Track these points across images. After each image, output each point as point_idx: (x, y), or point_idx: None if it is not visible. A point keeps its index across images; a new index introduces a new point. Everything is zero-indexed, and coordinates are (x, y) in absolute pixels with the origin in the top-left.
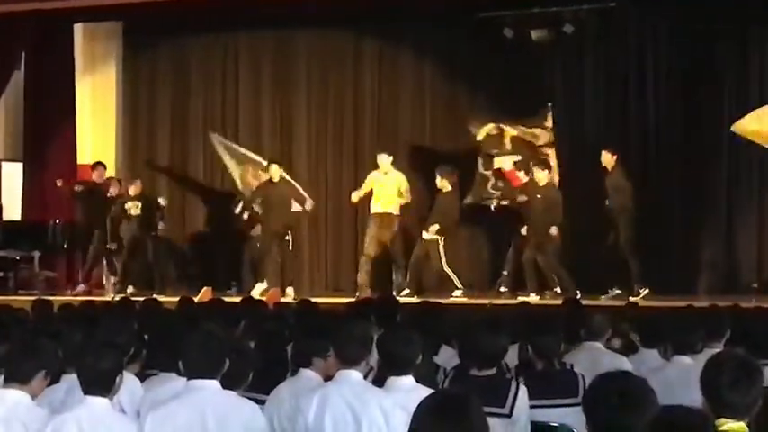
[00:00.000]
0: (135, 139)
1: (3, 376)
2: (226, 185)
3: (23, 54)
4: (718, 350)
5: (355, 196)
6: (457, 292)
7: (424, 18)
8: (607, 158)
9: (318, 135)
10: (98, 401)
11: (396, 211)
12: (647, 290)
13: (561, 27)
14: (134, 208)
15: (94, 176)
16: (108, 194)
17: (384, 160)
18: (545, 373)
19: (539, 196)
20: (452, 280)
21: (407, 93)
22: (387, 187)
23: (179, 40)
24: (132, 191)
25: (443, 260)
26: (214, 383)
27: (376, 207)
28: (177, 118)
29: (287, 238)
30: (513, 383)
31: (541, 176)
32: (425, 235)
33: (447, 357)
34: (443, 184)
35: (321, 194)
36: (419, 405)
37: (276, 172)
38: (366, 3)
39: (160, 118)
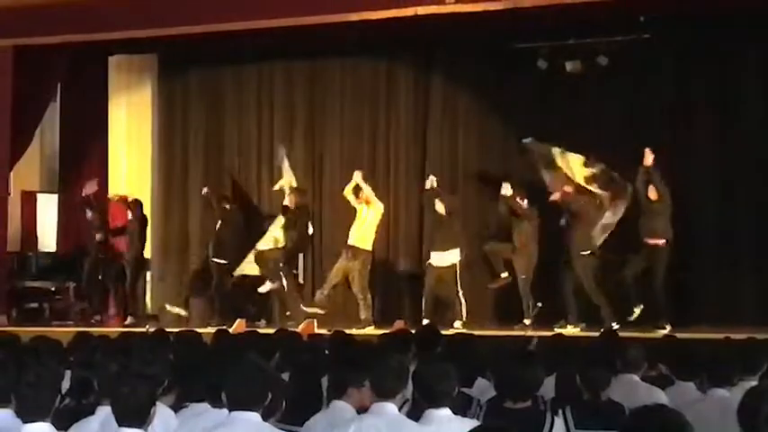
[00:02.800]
0: (170, 169)
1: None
2: (259, 216)
3: (59, 86)
4: (754, 383)
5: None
6: (457, 323)
7: (459, 48)
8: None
9: (351, 164)
10: None
11: (363, 246)
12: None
13: (595, 58)
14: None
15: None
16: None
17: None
18: (592, 404)
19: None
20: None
21: (441, 122)
22: (362, 217)
23: (213, 71)
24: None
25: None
26: (255, 416)
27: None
28: (212, 148)
29: (294, 271)
30: (549, 416)
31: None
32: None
33: (482, 389)
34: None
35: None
36: None
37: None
38: (400, 33)
39: (194, 148)
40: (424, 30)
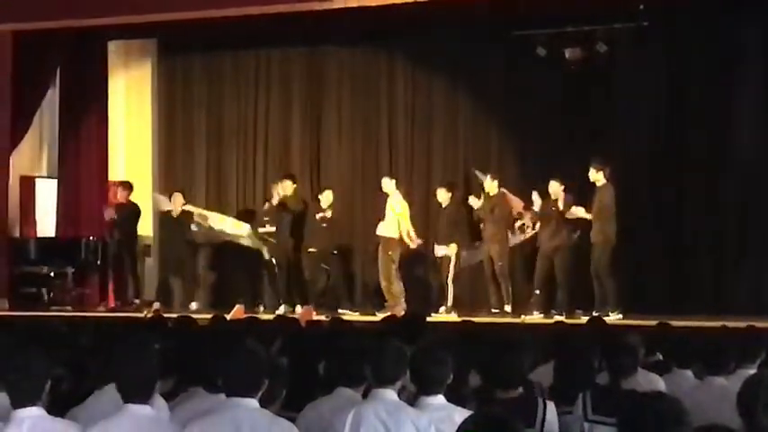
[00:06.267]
0: (170, 154)
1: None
2: (259, 200)
3: (58, 71)
4: (753, 371)
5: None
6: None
7: (458, 35)
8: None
9: (349, 151)
10: (141, 409)
11: (390, 234)
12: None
13: (594, 46)
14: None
15: (119, 197)
16: None
17: (386, 184)
18: (612, 391)
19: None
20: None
21: (440, 109)
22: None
23: (212, 56)
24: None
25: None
26: (252, 402)
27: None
28: (212, 134)
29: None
30: (540, 401)
31: None
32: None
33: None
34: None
35: (352, 210)
36: (460, 426)
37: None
38: (399, 20)
39: (195, 133)
40: (423, 16)
